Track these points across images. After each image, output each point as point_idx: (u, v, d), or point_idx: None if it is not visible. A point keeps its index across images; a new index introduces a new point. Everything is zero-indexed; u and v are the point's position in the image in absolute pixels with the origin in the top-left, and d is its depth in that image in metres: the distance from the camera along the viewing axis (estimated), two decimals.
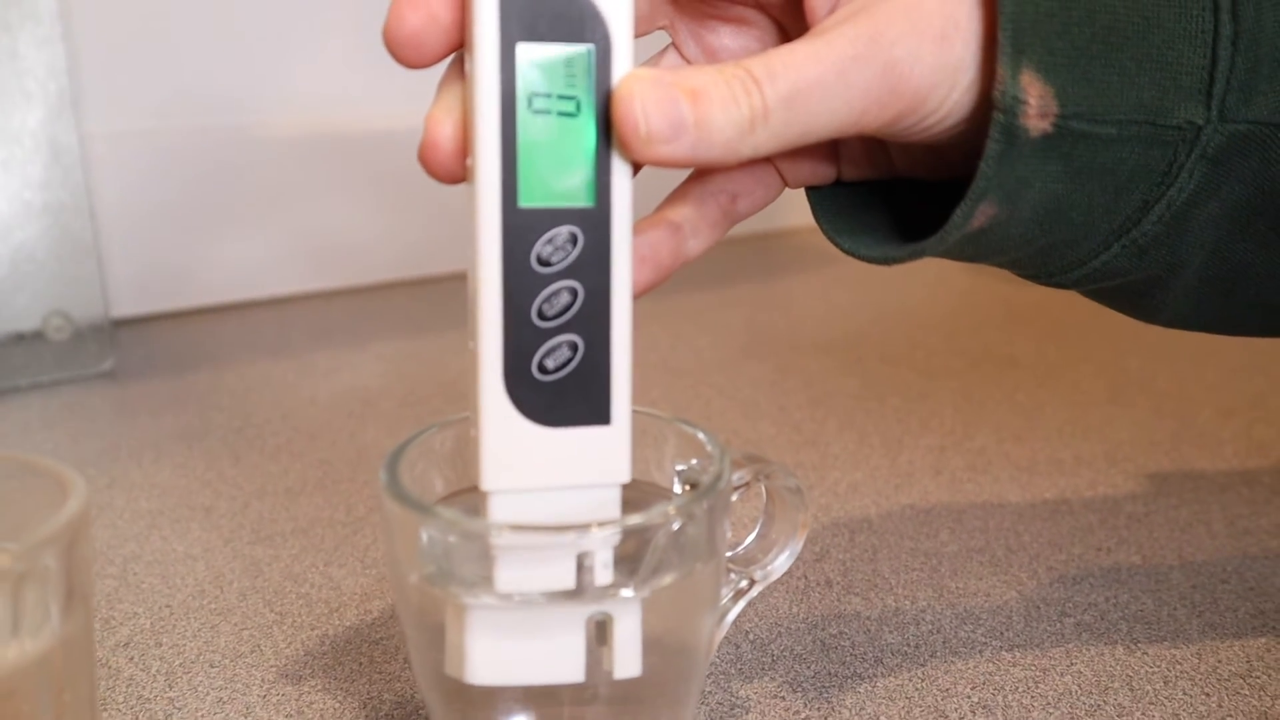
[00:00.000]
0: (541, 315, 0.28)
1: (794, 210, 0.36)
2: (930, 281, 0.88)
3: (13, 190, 0.64)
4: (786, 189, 0.34)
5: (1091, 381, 0.66)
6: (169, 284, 0.78)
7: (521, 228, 0.27)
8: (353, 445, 0.57)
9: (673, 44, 0.33)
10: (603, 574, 0.29)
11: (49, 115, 0.64)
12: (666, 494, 0.34)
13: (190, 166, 0.77)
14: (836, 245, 0.33)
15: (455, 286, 0.85)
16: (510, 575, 0.29)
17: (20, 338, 0.65)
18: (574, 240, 0.27)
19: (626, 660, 0.30)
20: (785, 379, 0.67)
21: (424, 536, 0.30)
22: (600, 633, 0.29)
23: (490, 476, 0.28)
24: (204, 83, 0.77)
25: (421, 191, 0.82)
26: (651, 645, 0.30)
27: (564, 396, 0.28)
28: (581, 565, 0.29)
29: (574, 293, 0.28)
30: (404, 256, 0.85)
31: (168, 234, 0.77)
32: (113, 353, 0.68)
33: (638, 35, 0.28)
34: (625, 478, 0.29)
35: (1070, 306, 0.79)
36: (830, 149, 0.34)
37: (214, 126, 0.77)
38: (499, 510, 0.29)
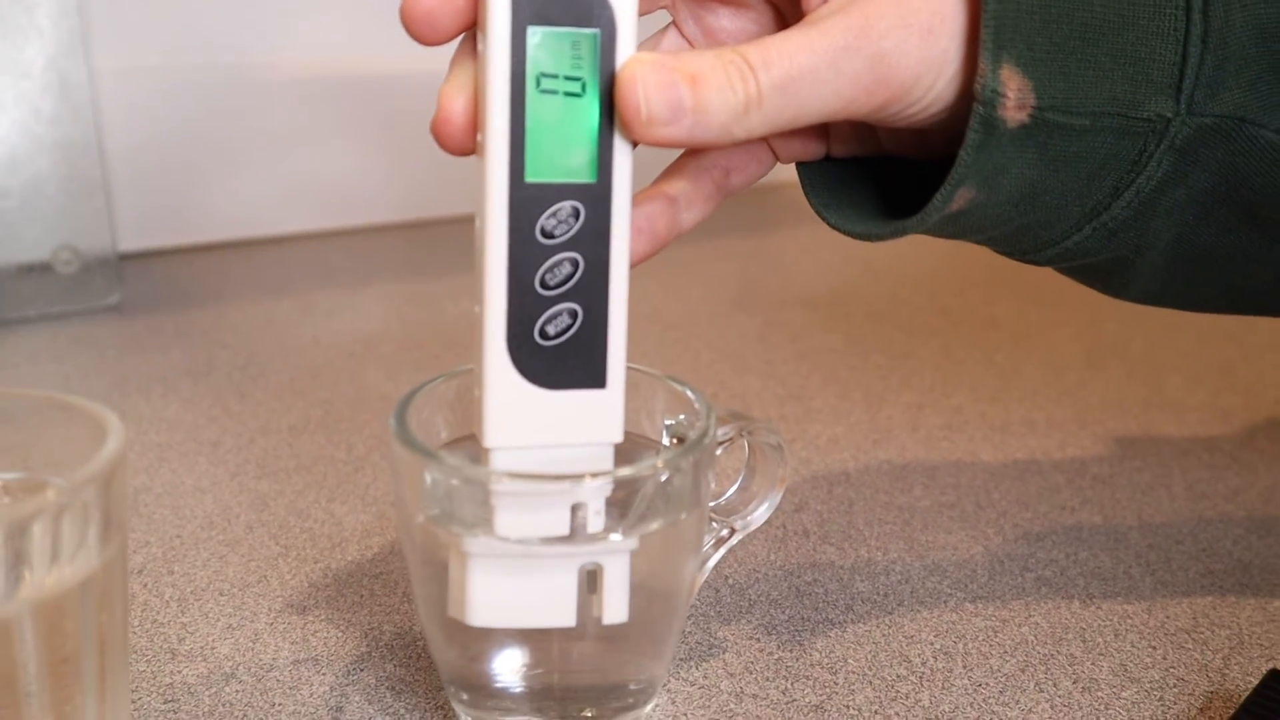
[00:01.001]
0: (544, 284, 0.30)
1: (787, 166, 0.38)
2: (916, 240, 0.90)
3: (24, 125, 0.65)
4: (778, 163, 0.36)
5: (1068, 344, 0.68)
6: (174, 219, 0.80)
7: (527, 201, 0.29)
8: (353, 386, 0.59)
9: (673, 23, 0.35)
10: (595, 521, 0.31)
11: (60, 51, 0.65)
12: (655, 446, 0.36)
13: (198, 104, 0.78)
14: (824, 219, 0.35)
15: (453, 230, 0.86)
16: (509, 520, 0.31)
17: (29, 269, 0.67)
18: (576, 214, 0.29)
19: (614, 607, 0.32)
20: (772, 333, 0.69)
21: (428, 480, 0.32)
22: (591, 581, 0.32)
23: (492, 434, 0.30)
24: (213, 22, 0.78)
25: (424, 136, 0.83)
26: (638, 588, 0.32)
27: (563, 361, 0.30)
28: (575, 513, 0.31)
29: (575, 264, 0.30)
30: (405, 199, 0.87)
31: (174, 170, 0.78)
32: (119, 287, 0.70)
33: (641, 14, 0.30)
34: (618, 438, 0.31)
35: (1051, 270, 0.80)
36: (820, 128, 0.36)
37: (222, 65, 0.78)
38: (500, 466, 0.31)
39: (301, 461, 0.51)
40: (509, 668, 0.34)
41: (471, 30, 0.30)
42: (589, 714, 0.34)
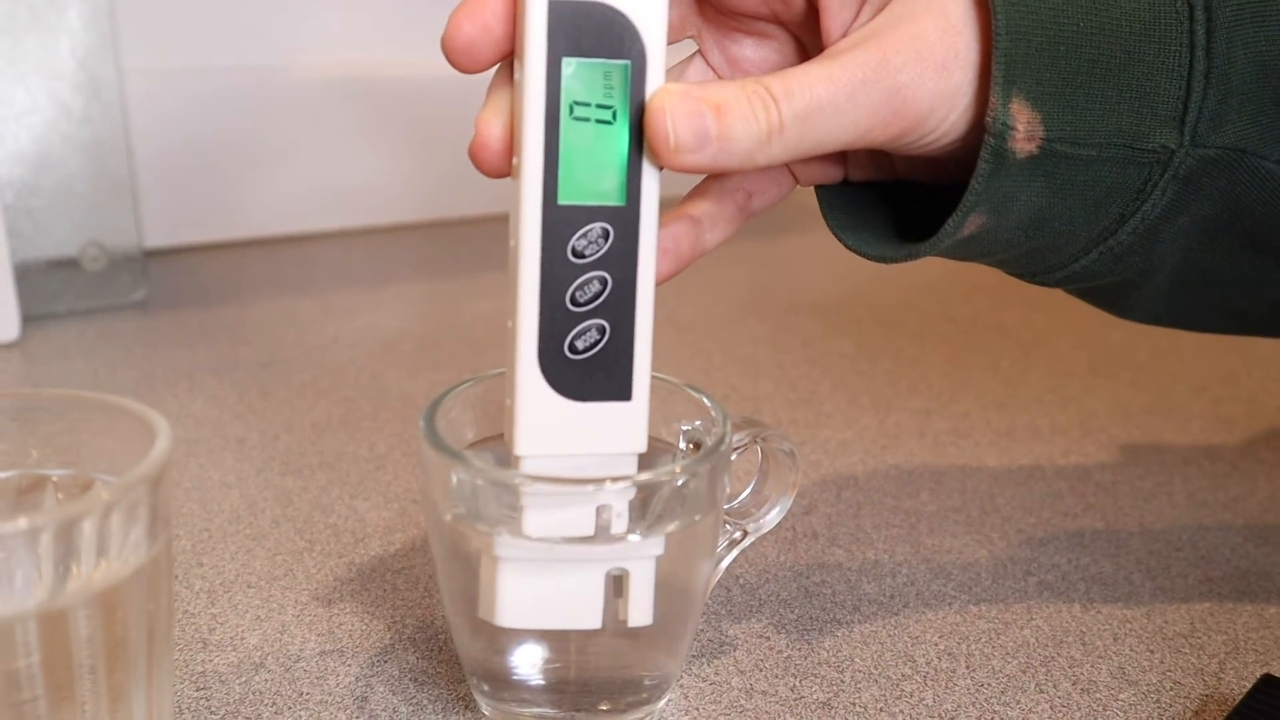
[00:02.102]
0: (574, 301, 0.31)
1: None
2: None
3: (55, 124, 0.67)
4: (797, 186, 0.38)
5: (1074, 353, 0.69)
6: (199, 217, 0.81)
7: (560, 223, 0.30)
8: (374, 385, 0.61)
9: (699, 51, 0.36)
10: (618, 524, 0.33)
11: (90, 52, 0.67)
12: (671, 449, 0.38)
13: (224, 105, 0.79)
14: (841, 241, 0.36)
15: (472, 231, 0.88)
16: (536, 520, 0.32)
17: (58, 265, 0.68)
18: (606, 235, 0.31)
19: (640, 610, 0.33)
20: (784, 338, 0.70)
21: (455, 480, 0.34)
22: (616, 585, 0.33)
23: (523, 443, 0.32)
24: (239, 25, 0.79)
25: (444, 138, 0.84)
26: (656, 588, 0.34)
27: (591, 374, 0.32)
28: (600, 515, 0.33)
29: (604, 282, 0.31)
30: (424, 199, 0.88)
31: (199, 169, 0.80)
32: (144, 284, 0.71)
33: (669, 43, 0.31)
34: (641, 448, 0.33)
35: None
36: (838, 154, 0.37)
37: (248, 67, 0.80)
38: (529, 472, 0.33)
39: (324, 458, 0.53)
40: (528, 661, 0.35)
41: (508, 59, 0.31)
42: (604, 707, 0.36)
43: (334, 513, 0.48)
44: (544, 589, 0.33)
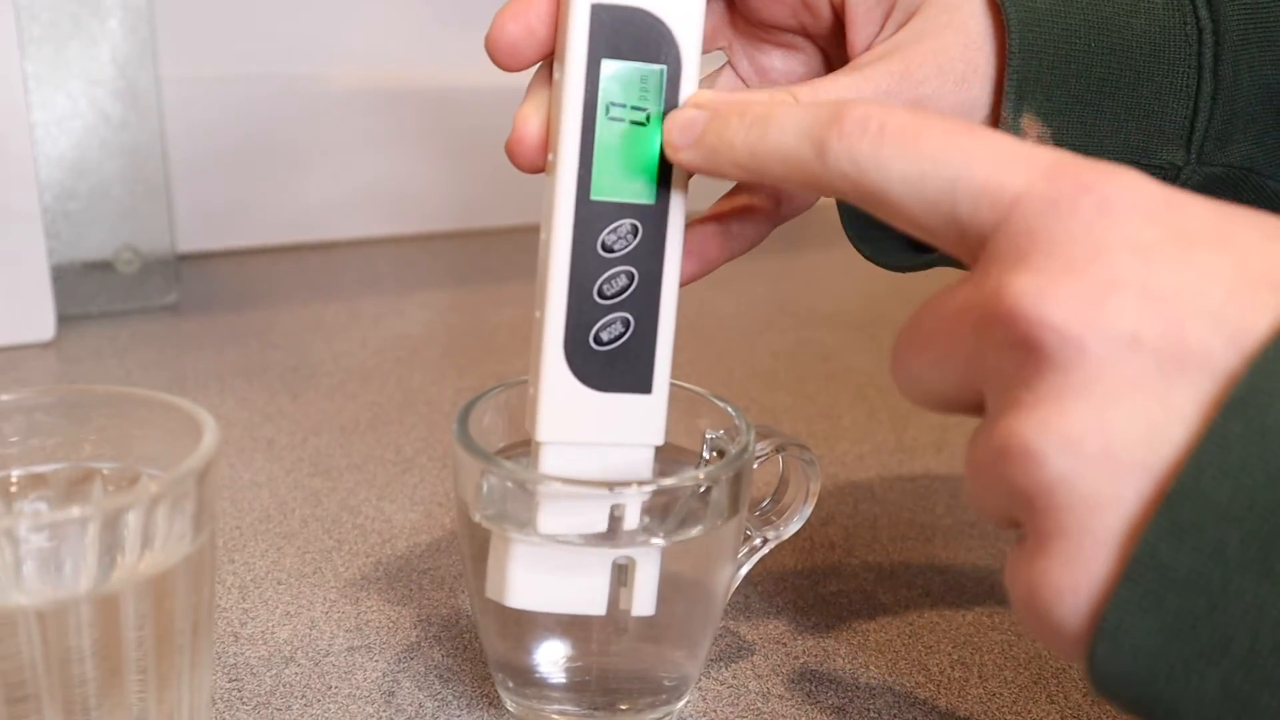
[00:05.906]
0: (601, 294, 0.32)
1: None
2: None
3: (94, 129, 0.68)
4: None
5: None
6: (230, 223, 0.82)
7: (591, 217, 0.32)
8: (400, 390, 0.62)
9: (729, 62, 0.38)
10: (631, 523, 0.34)
11: (130, 59, 0.68)
12: (695, 457, 0.39)
13: (257, 113, 0.81)
14: (858, 250, 0.37)
15: (496, 240, 0.89)
16: (551, 519, 0.33)
17: (92, 268, 0.70)
18: (635, 231, 0.32)
19: (643, 600, 0.34)
20: (803, 351, 0.71)
21: (485, 483, 0.35)
22: (622, 575, 0.34)
23: (545, 429, 0.33)
24: (273, 35, 0.81)
25: (471, 147, 0.86)
26: (677, 591, 0.35)
27: (614, 366, 0.33)
28: (613, 514, 0.34)
29: (631, 277, 0.32)
30: (450, 208, 0.89)
31: (231, 175, 0.81)
32: (177, 287, 0.73)
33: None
34: (659, 440, 0.34)
35: None
36: None
37: (280, 76, 0.81)
38: (548, 459, 0.34)
39: (352, 460, 0.54)
40: (551, 659, 0.36)
41: (548, 60, 0.32)
42: (624, 707, 0.37)
43: (361, 513, 0.49)
44: (552, 574, 0.34)
